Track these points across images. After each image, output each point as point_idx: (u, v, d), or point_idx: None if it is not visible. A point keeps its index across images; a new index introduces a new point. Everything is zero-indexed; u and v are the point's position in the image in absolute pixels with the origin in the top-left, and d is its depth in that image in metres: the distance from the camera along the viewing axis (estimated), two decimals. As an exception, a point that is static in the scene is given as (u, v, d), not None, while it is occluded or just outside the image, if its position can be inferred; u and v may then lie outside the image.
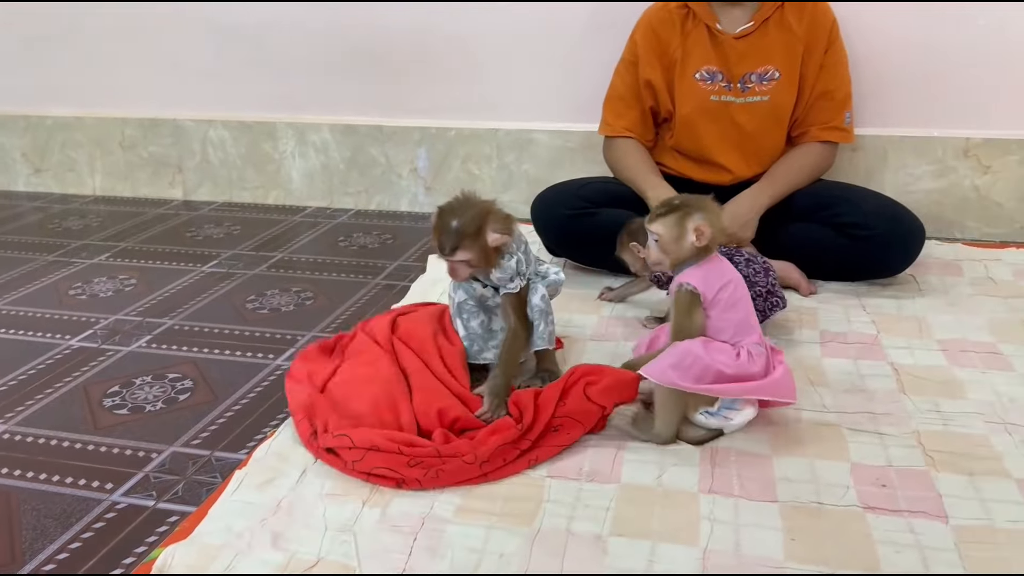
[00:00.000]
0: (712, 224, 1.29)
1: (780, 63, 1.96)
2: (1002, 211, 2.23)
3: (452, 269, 1.39)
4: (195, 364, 1.66)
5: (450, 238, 1.35)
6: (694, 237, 1.29)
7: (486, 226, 1.35)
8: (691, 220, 1.29)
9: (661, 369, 1.25)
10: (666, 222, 1.31)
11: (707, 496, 1.19)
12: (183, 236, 2.48)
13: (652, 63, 2.01)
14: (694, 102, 1.99)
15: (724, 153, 2.01)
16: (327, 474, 1.25)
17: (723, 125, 2.00)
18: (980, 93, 2.18)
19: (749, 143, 2.00)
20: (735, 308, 1.30)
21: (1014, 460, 1.25)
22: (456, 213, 1.36)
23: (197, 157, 2.82)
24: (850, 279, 1.92)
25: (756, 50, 1.96)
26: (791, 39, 1.95)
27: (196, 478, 1.29)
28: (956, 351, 1.60)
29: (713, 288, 1.29)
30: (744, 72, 1.97)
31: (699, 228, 1.28)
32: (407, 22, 2.52)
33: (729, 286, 1.30)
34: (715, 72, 1.97)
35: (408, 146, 2.62)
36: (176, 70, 2.77)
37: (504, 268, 1.40)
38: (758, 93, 1.97)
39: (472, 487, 1.21)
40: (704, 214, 1.29)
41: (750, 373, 1.27)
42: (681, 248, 1.30)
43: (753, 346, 1.29)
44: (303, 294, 2.01)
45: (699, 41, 1.98)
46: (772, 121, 1.99)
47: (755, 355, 1.28)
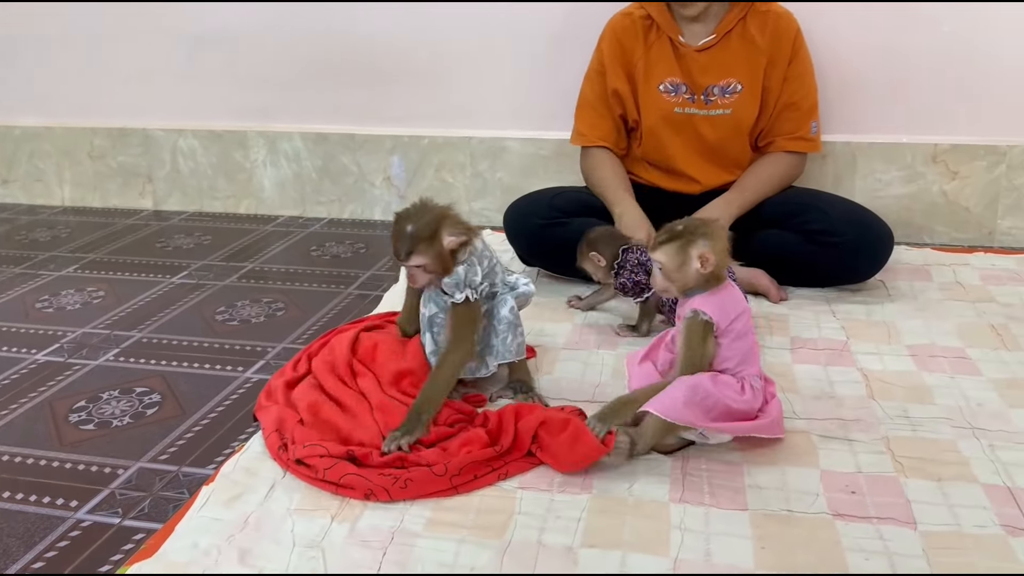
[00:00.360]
0: (717, 251, 1.26)
1: (742, 76, 1.96)
2: (970, 216, 2.25)
3: (410, 275, 1.38)
4: (163, 378, 1.64)
5: (405, 243, 1.34)
6: (698, 264, 1.26)
7: (442, 230, 1.34)
8: (694, 247, 1.26)
9: (676, 408, 1.22)
10: (668, 250, 1.28)
11: (678, 505, 1.18)
12: (153, 247, 2.46)
13: (618, 72, 2.02)
14: (658, 114, 2.00)
15: (691, 164, 2.02)
16: (296, 488, 1.23)
17: (687, 136, 2.01)
18: (948, 100, 2.21)
19: (714, 154, 2.02)
20: (744, 339, 1.28)
21: (981, 465, 1.25)
22: (412, 218, 1.35)
23: (167, 167, 2.80)
24: (820, 285, 1.93)
25: (719, 63, 1.97)
26: (754, 51, 1.96)
27: (163, 494, 1.27)
28: (925, 356, 1.61)
29: (728, 318, 1.27)
30: (707, 84, 1.97)
31: (703, 255, 1.25)
32: (379, 30, 2.51)
33: (742, 316, 1.28)
34: (679, 84, 1.98)
35: (381, 154, 2.61)
36: (146, 79, 2.75)
37: (454, 275, 1.38)
38: (721, 106, 1.97)
39: (443, 499, 1.20)
40: (708, 240, 1.26)
41: (752, 408, 1.27)
42: (686, 276, 1.27)
43: (754, 379, 1.29)
44: (274, 305, 2.00)
45: (662, 53, 1.99)
46: (735, 133, 2.00)
47: (756, 389, 1.28)
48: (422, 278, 1.38)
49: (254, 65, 2.64)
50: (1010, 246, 2.23)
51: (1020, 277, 1.99)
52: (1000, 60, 2.15)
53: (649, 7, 2.00)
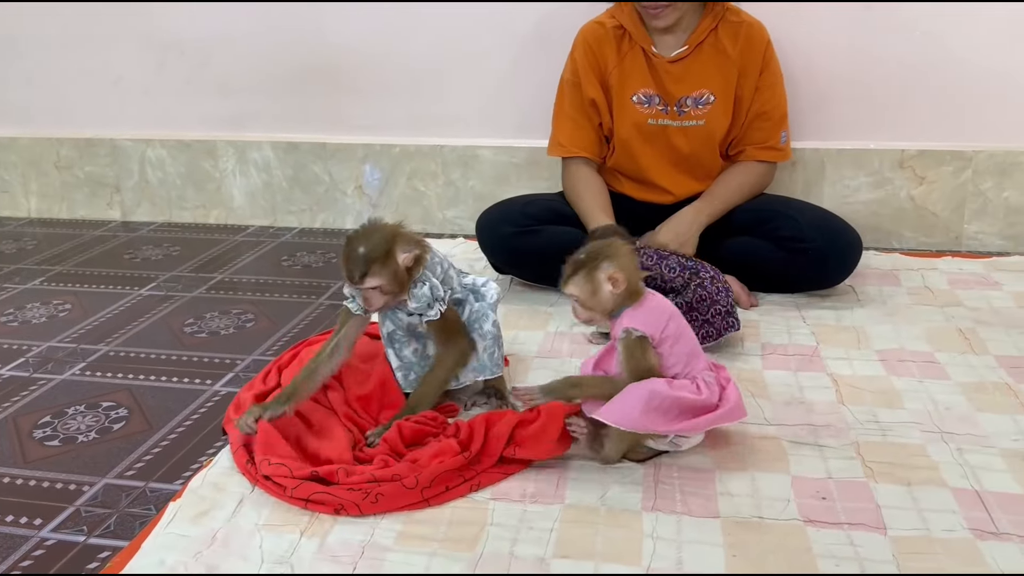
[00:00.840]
0: (624, 267, 1.26)
1: (715, 87, 1.97)
2: (938, 221, 2.27)
3: (366, 299, 1.34)
4: (130, 392, 1.62)
5: (358, 265, 1.31)
6: (610, 286, 1.26)
7: (395, 248, 1.32)
8: (600, 272, 1.26)
9: (633, 417, 1.21)
10: (577, 281, 1.27)
11: (650, 514, 1.18)
12: (121, 258, 2.43)
13: (592, 81, 2.02)
14: (632, 125, 2.00)
15: (663, 175, 2.03)
16: (264, 504, 1.22)
17: (660, 147, 2.01)
18: (914, 106, 2.23)
19: (686, 164, 2.03)
20: (681, 340, 1.28)
21: (950, 469, 1.26)
22: (363, 239, 1.32)
23: (135, 177, 2.77)
24: (790, 291, 1.95)
25: (691, 74, 1.97)
26: (725, 62, 1.97)
27: (129, 511, 1.25)
28: (894, 361, 1.62)
29: (660, 326, 1.27)
30: (680, 96, 1.98)
31: (612, 276, 1.25)
32: (349, 38, 2.50)
33: (672, 319, 1.28)
34: (652, 95, 1.98)
35: (352, 163, 2.60)
36: (113, 88, 2.72)
37: (418, 297, 1.36)
38: (694, 117, 1.98)
39: (414, 512, 1.19)
40: (611, 261, 1.26)
41: (711, 402, 1.27)
42: (602, 301, 1.27)
43: (705, 375, 1.29)
44: (244, 316, 1.98)
45: (635, 64, 1.99)
46: (707, 144, 2.01)
47: (709, 383, 1.28)
48: (378, 300, 1.34)
49: (223, 74, 2.62)
50: (977, 250, 2.26)
51: (987, 281, 2.02)
52: (965, 67, 2.18)
53: (621, 17, 1.99)
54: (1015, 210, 2.23)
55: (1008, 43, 2.15)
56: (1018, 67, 2.16)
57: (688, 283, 1.69)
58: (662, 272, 1.72)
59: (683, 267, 1.72)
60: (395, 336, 1.46)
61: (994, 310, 1.85)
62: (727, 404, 1.27)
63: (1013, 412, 1.42)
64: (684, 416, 1.24)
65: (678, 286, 1.70)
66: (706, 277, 1.69)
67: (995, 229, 2.25)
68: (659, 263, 1.73)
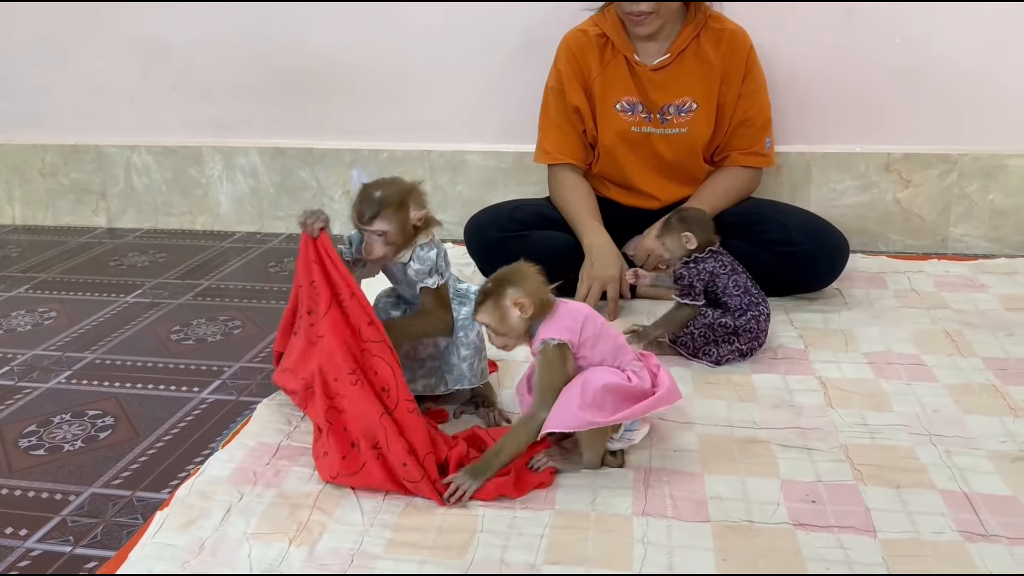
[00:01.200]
0: (529, 291, 1.25)
1: (697, 94, 1.97)
2: (924, 223, 2.29)
3: (367, 244, 1.35)
4: (117, 400, 1.61)
5: (370, 206, 1.32)
6: (517, 311, 1.25)
7: (409, 200, 1.34)
8: (505, 298, 1.25)
9: (574, 415, 1.21)
10: (486, 310, 1.27)
11: (640, 519, 1.18)
12: (107, 265, 2.41)
13: (575, 89, 2.02)
14: (615, 132, 2.00)
15: (648, 181, 2.04)
16: (253, 512, 1.21)
17: (644, 154, 2.02)
18: (900, 110, 2.25)
19: (671, 170, 2.03)
20: (602, 338, 1.28)
21: (938, 471, 1.27)
22: (380, 187, 1.35)
23: (121, 183, 2.75)
24: (778, 294, 1.94)
25: (674, 81, 1.97)
26: (708, 70, 1.97)
27: (116, 520, 1.24)
28: (882, 363, 1.63)
29: (576, 331, 1.26)
30: (663, 103, 1.98)
31: (517, 301, 1.24)
32: (336, 43, 2.49)
33: (588, 321, 1.27)
34: (635, 103, 1.99)
35: (339, 168, 2.59)
36: (98, 94, 2.70)
37: (423, 259, 1.37)
38: (677, 125, 1.98)
39: (405, 518, 1.19)
40: (516, 286, 1.25)
41: (645, 387, 1.27)
42: (513, 326, 1.27)
43: (633, 364, 1.29)
44: (231, 323, 1.96)
45: (618, 72, 1.99)
46: (691, 151, 2.01)
47: (639, 373, 1.28)
48: (379, 249, 1.34)
49: (209, 80, 2.61)
50: (963, 252, 2.27)
51: (973, 283, 2.02)
52: (949, 71, 2.19)
53: (604, 25, 2.00)
54: (1000, 212, 2.24)
55: (990, 47, 2.16)
56: (1000, 71, 2.18)
57: (746, 309, 1.62)
58: (727, 285, 1.63)
59: (747, 291, 1.64)
60: (378, 302, 1.47)
61: (980, 312, 1.85)
62: (662, 387, 1.27)
63: (1000, 414, 1.43)
64: (621, 406, 1.24)
65: (732, 305, 1.63)
66: (764, 313, 1.64)
67: (980, 231, 2.26)
68: (730, 274, 1.64)
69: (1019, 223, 2.24)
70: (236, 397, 1.60)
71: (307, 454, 1.35)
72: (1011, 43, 2.15)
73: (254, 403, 1.54)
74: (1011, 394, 1.49)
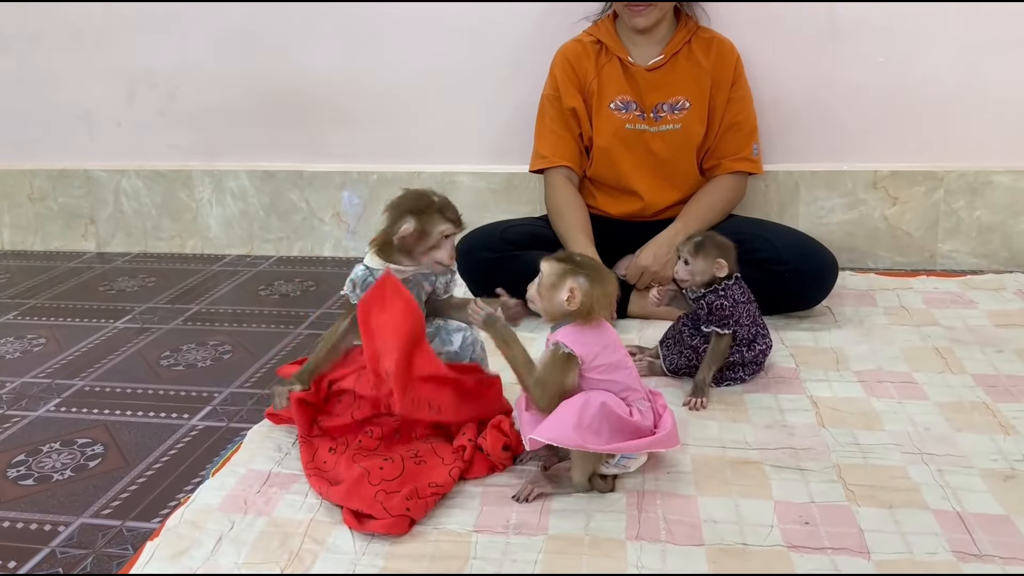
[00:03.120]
0: (586, 292, 1.25)
1: (690, 94, 2.02)
2: (912, 240, 2.30)
3: (450, 249, 1.43)
4: (106, 427, 1.60)
5: (454, 211, 1.43)
6: (566, 295, 1.26)
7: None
8: (570, 279, 1.26)
9: (567, 433, 1.21)
10: (552, 267, 1.28)
11: (634, 543, 1.18)
12: (96, 290, 2.40)
13: (572, 92, 2.06)
14: (610, 131, 2.03)
15: (640, 180, 2.05)
16: (244, 542, 1.20)
17: (639, 153, 2.04)
18: (886, 128, 2.26)
19: (663, 169, 2.05)
20: (617, 370, 1.28)
21: (931, 491, 1.27)
22: (436, 194, 1.44)
23: (110, 208, 2.74)
24: (768, 312, 1.94)
25: (667, 81, 2.02)
26: (699, 72, 2.02)
27: (106, 551, 1.23)
28: (873, 382, 1.63)
29: (591, 351, 1.26)
30: (656, 102, 2.02)
31: (572, 289, 1.25)
32: (325, 66, 2.50)
33: (607, 350, 1.28)
34: (629, 101, 2.02)
35: (330, 190, 2.59)
36: (86, 119, 2.70)
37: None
38: (670, 122, 2.02)
39: (396, 547, 1.18)
40: (587, 281, 1.26)
41: (646, 427, 1.28)
42: (552, 300, 1.28)
43: (639, 403, 1.29)
44: (221, 348, 1.96)
45: (613, 73, 2.04)
46: (685, 148, 2.04)
47: (644, 412, 1.29)
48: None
49: (197, 104, 2.61)
50: (951, 268, 2.28)
51: (962, 300, 2.03)
52: (934, 89, 2.21)
53: (598, 34, 2.06)
54: (987, 228, 2.26)
55: (973, 65, 2.18)
56: (984, 88, 2.19)
57: (754, 342, 1.62)
58: (741, 314, 1.61)
59: (754, 322, 1.63)
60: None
61: (970, 328, 1.86)
62: (663, 430, 1.28)
63: (991, 432, 1.43)
64: (617, 436, 1.25)
65: (741, 336, 1.60)
66: (770, 344, 1.65)
67: (968, 248, 2.28)
68: (747, 304, 1.62)
69: (1005, 238, 2.25)
70: (227, 423, 1.59)
71: (299, 481, 1.34)
72: (994, 60, 2.17)
73: (245, 429, 1.54)
74: (1001, 411, 1.50)
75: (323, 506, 1.28)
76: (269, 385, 1.66)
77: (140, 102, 2.65)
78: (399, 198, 1.44)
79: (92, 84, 2.66)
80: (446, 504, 1.28)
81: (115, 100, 2.66)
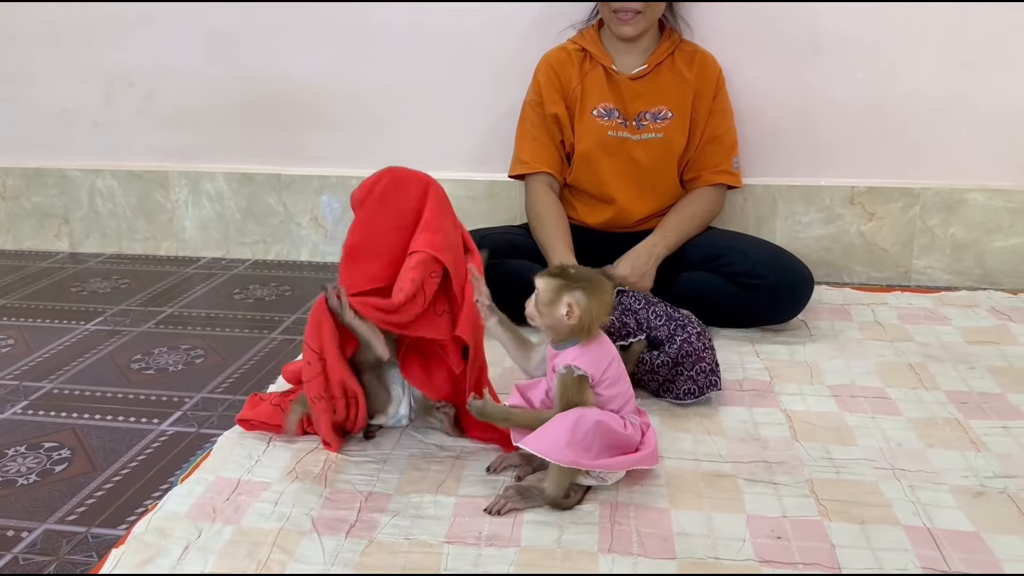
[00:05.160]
0: (589, 309, 1.26)
1: (672, 104, 2.03)
2: (887, 256, 2.31)
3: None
4: (74, 431, 1.57)
5: None
6: (564, 310, 1.26)
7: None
8: (568, 294, 1.26)
9: (559, 449, 1.22)
10: (547, 283, 1.28)
11: (606, 556, 1.17)
12: (68, 291, 2.37)
13: (555, 99, 2.06)
14: (592, 137, 2.03)
15: (621, 188, 2.06)
16: (211, 550, 1.18)
17: (620, 160, 2.04)
18: (863, 144, 2.28)
19: (644, 178, 2.06)
20: (619, 382, 1.30)
21: (902, 507, 1.27)
22: None
23: (84, 208, 2.71)
24: (743, 326, 1.96)
25: (650, 91, 2.03)
26: (682, 83, 2.03)
27: (70, 558, 1.20)
28: (846, 396, 1.64)
29: (601, 368, 1.28)
30: (639, 111, 2.03)
31: (569, 304, 1.25)
32: (305, 69, 2.48)
33: (613, 363, 1.30)
34: (612, 109, 2.03)
35: (308, 194, 2.58)
36: (62, 118, 2.67)
37: None
38: (652, 131, 2.03)
39: (368, 556, 1.17)
40: (584, 295, 1.26)
41: (633, 442, 1.29)
42: (551, 315, 1.27)
43: (631, 417, 1.31)
44: (193, 352, 1.93)
45: (596, 80, 2.05)
46: (666, 158, 2.05)
47: (635, 425, 1.30)
48: None
49: (175, 105, 2.59)
50: (925, 285, 2.30)
51: (936, 316, 2.05)
52: (912, 107, 2.23)
53: (583, 42, 2.07)
54: (961, 245, 2.28)
55: (950, 85, 2.20)
56: (960, 108, 2.21)
57: (674, 336, 1.62)
58: (648, 318, 1.65)
59: (670, 318, 1.65)
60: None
61: (943, 345, 1.88)
62: (646, 448, 1.30)
63: (962, 448, 1.44)
64: (606, 452, 1.26)
65: (662, 336, 1.62)
66: (693, 333, 1.62)
67: (943, 264, 2.30)
68: (647, 308, 1.67)
69: (979, 256, 2.27)
70: (196, 429, 1.57)
71: (268, 489, 1.33)
72: (971, 80, 2.19)
73: (215, 435, 1.52)
74: (973, 428, 1.51)
75: (293, 515, 1.26)
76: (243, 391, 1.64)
77: (118, 102, 2.62)
78: None
79: (69, 83, 2.63)
80: (418, 514, 1.27)
81: (92, 99, 2.63)
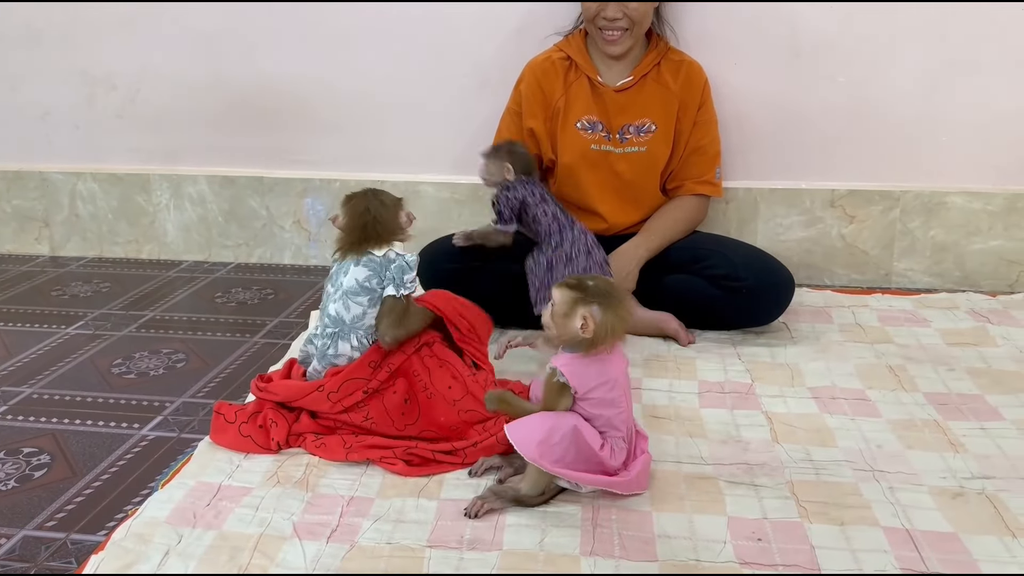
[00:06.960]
0: (600, 321, 1.24)
1: (656, 116, 2.02)
2: (868, 258, 2.33)
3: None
4: (54, 436, 1.56)
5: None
6: (579, 323, 1.25)
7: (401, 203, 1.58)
8: (582, 307, 1.25)
9: (529, 445, 1.23)
10: (565, 295, 1.27)
11: (588, 558, 1.18)
12: (48, 295, 2.35)
13: (535, 113, 2.05)
14: (575, 150, 2.03)
15: (604, 201, 2.06)
16: (192, 556, 1.18)
17: (603, 173, 2.04)
18: (844, 148, 2.29)
19: (627, 191, 2.06)
20: (609, 407, 1.28)
21: (881, 508, 1.28)
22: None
23: (65, 211, 2.69)
24: (726, 328, 1.97)
25: (634, 103, 2.02)
26: (667, 95, 2.03)
27: (49, 564, 1.20)
28: (827, 398, 1.65)
29: (586, 386, 1.26)
30: (623, 124, 2.02)
31: (584, 317, 1.24)
32: (289, 72, 2.48)
33: (604, 386, 1.27)
34: (595, 122, 2.02)
35: (291, 197, 2.57)
36: (43, 121, 2.65)
37: (401, 263, 1.54)
38: (635, 144, 2.02)
39: (349, 561, 1.17)
40: (599, 309, 1.24)
41: (610, 465, 1.28)
42: (567, 328, 1.26)
43: (616, 442, 1.29)
44: (175, 356, 1.92)
45: (581, 92, 2.04)
46: (649, 171, 2.05)
47: (617, 451, 1.29)
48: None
49: (157, 108, 2.57)
50: (906, 287, 2.32)
51: (916, 318, 2.07)
52: (891, 111, 2.25)
53: (569, 50, 2.06)
54: (941, 248, 2.30)
55: (930, 89, 2.22)
56: (940, 112, 2.23)
57: (553, 236, 1.78)
58: (536, 214, 1.79)
59: (557, 220, 1.80)
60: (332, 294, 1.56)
61: (923, 347, 1.89)
62: (627, 475, 1.29)
63: (941, 450, 1.45)
64: (581, 464, 1.26)
65: (542, 233, 1.79)
66: (579, 237, 1.79)
67: (923, 266, 2.31)
68: (539, 204, 1.80)
69: (958, 258, 2.29)
70: (177, 434, 1.56)
71: (249, 494, 1.32)
72: (951, 85, 2.21)
73: (196, 441, 1.51)
74: (951, 429, 1.52)
75: (274, 520, 1.26)
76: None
77: (100, 104, 2.61)
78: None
79: (51, 85, 2.61)
80: (400, 518, 1.27)
81: (74, 102, 2.62)
